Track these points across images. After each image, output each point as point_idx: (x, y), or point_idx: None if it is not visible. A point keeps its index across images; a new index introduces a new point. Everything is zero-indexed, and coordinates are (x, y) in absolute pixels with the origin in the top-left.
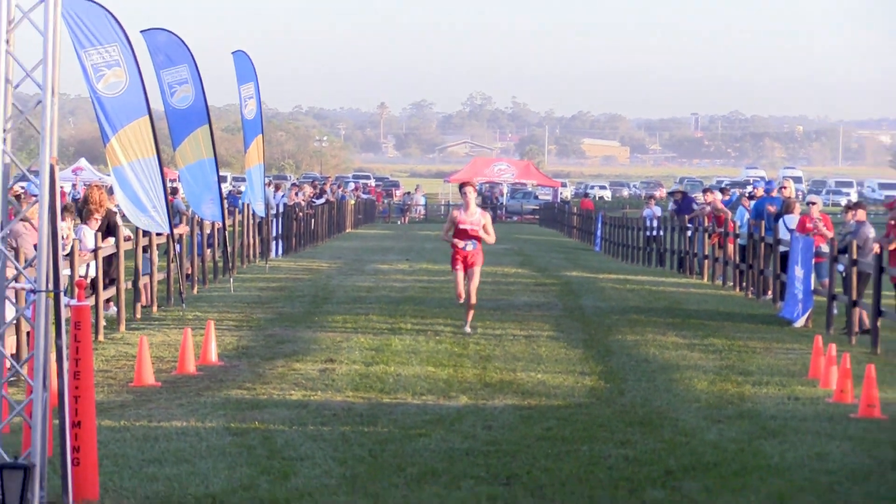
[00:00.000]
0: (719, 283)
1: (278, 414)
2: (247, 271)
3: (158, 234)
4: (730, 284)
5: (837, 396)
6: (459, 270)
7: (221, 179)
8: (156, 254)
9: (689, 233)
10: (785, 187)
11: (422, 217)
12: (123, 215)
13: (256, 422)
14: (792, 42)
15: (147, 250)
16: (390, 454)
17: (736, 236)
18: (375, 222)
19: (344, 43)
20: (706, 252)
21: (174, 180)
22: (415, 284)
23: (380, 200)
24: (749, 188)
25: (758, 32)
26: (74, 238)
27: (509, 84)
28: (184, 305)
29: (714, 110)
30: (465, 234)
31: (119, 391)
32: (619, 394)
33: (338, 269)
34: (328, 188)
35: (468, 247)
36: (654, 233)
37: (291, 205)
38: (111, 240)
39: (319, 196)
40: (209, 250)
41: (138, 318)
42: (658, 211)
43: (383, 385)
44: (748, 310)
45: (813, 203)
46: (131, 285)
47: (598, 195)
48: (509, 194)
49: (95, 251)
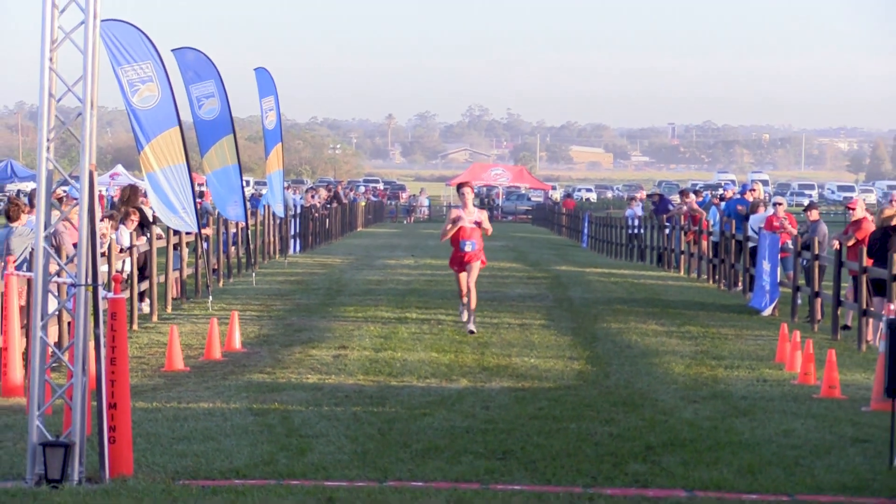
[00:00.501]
0: (694, 277)
1: (296, 396)
2: (267, 266)
3: (188, 233)
4: (704, 277)
5: (801, 379)
6: (460, 274)
7: (244, 184)
8: (185, 251)
9: (667, 231)
10: (754, 190)
11: (426, 217)
12: (156, 217)
13: (276, 403)
14: (758, 59)
15: (178, 248)
16: (397, 432)
17: (709, 234)
18: (384, 222)
19: (355, 60)
20: (682, 248)
21: (202, 184)
22: (419, 278)
23: (383, 198)
24: (720, 191)
25: (728, 51)
26: (111, 237)
27: (505, 97)
28: (210, 298)
29: (689, 120)
30: (465, 234)
31: (151, 376)
32: (605, 376)
33: (350, 265)
34: (340, 191)
35: (467, 247)
36: (636, 231)
37: (308, 206)
38: (144, 238)
39: (331, 201)
40: (233, 248)
41: (169, 310)
42: (639, 211)
43: (391, 369)
44: (720, 300)
45: (779, 204)
46: (163, 279)
47: (585, 197)
48: (504, 196)
49: (130, 249)
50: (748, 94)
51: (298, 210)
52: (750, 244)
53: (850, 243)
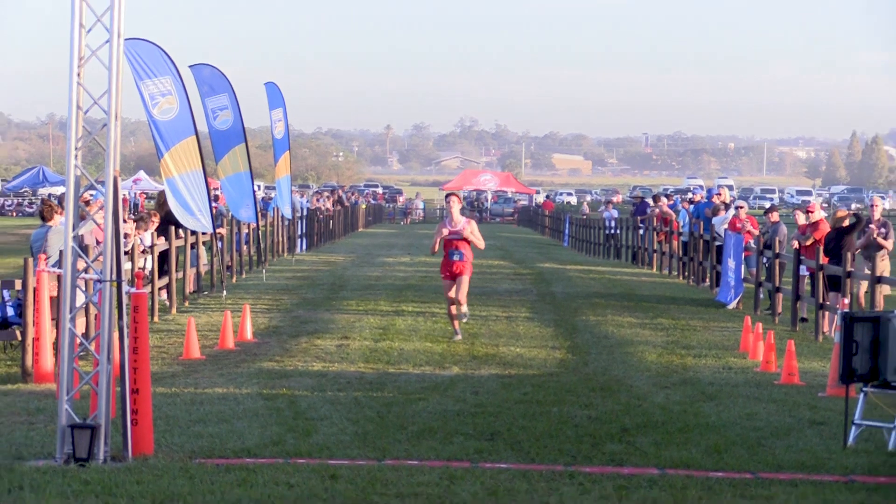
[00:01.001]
0: (666, 273)
1: (302, 382)
2: (276, 264)
3: (204, 234)
4: (674, 274)
5: (763, 366)
6: (449, 281)
7: (255, 188)
8: (202, 249)
9: (641, 231)
10: (719, 194)
11: (421, 219)
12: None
13: (284, 388)
14: (724, 74)
15: (195, 247)
16: (394, 415)
17: (679, 234)
18: (383, 223)
19: (356, 75)
20: (655, 247)
21: (217, 189)
22: (415, 274)
23: (382, 201)
24: (689, 195)
25: (697, 67)
26: (134, 237)
27: (493, 109)
28: (224, 292)
29: (661, 130)
30: (452, 245)
31: (170, 363)
32: (584, 364)
33: (351, 262)
34: (342, 194)
35: (455, 257)
36: (612, 231)
37: (313, 208)
38: (163, 238)
39: (334, 204)
40: (245, 246)
41: (187, 304)
42: (616, 213)
43: (389, 358)
44: (689, 295)
45: (741, 207)
46: (181, 276)
47: (566, 200)
48: (492, 200)
49: (151, 248)
50: (715, 107)
51: (305, 212)
52: (716, 243)
53: (808, 243)
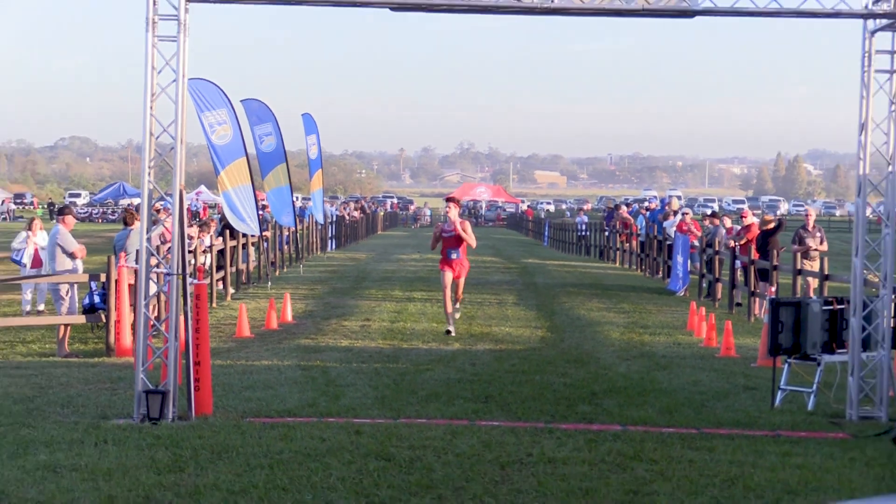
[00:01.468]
0: (626, 267)
1: (332, 355)
2: (311, 260)
3: (252, 236)
4: (633, 268)
5: (706, 342)
6: (447, 271)
7: (294, 199)
8: (251, 249)
9: (607, 233)
10: (669, 203)
11: (428, 223)
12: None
13: (318, 361)
14: (674, 106)
15: (245, 247)
16: (407, 382)
17: (637, 235)
18: (397, 227)
19: (376, 107)
20: (618, 246)
21: (263, 200)
22: (424, 268)
23: (396, 210)
24: (646, 203)
25: (652, 98)
26: (197, 239)
27: (487, 134)
28: (269, 283)
29: (623, 151)
30: (449, 243)
31: (226, 341)
32: (560, 341)
33: (372, 258)
34: (364, 204)
35: (453, 255)
36: (583, 233)
37: (341, 215)
38: (220, 239)
39: (359, 211)
40: (286, 246)
41: (239, 292)
42: (586, 219)
43: (403, 336)
44: (646, 284)
45: (686, 213)
46: (235, 270)
47: (546, 209)
48: (486, 208)
49: (210, 247)
50: (667, 132)
51: (334, 218)
52: (667, 243)
53: (742, 242)
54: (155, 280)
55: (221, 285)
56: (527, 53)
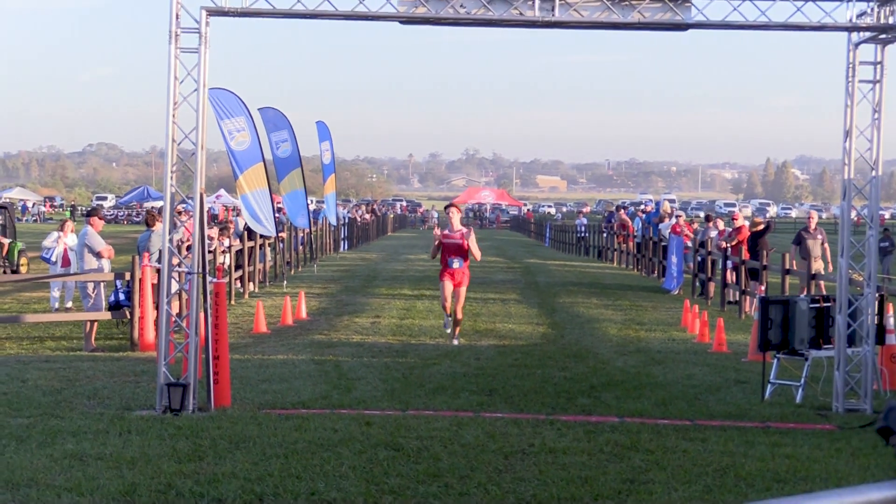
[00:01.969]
0: (623, 267)
1: (344, 350)
2: (325, 260)
3: (269, 237)
4: (630, 267)
5: (699, 338)
6: (447, 281)
7: (309, 202)
8: (268, 249)
9: (605, 234)
10: (662, 207)
11: (435, 226)
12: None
13: (331, 355)
14: (668, 114)
15: (262, 247)
16: (416, 376)
17: (634, 237)
18: (406, 229)
19: (386, 115)
20: (615, 247)
21: (279, 203)
22: (431, 268)
23: (405, 212)
24: (642, 206)
25: (647, 108)
26: (216, 240)
27: (491, 141)
28: (285, 281)
29: (620, 157)
30: (450, 251)
31: (243, 336)
32: (561, 337)
33: (382, 258)
34: (375, 207)
35: (455, 264)
36: (583, 234)
37: (353, 218)
38: (239, 240)
39: (370, 214)
40: (301, 247)
41: (256, 290)
42: (585, 221)
43: (411, 332)
44: (642, 283)
45: (679, 216)
46: (252, 269)
47: (547, 211)
48: (490, 211)
49: (229, 248)
50: (662, 139)
51: (346, 220)
52: (662, 244)
53: (733, 243)
54: (177, 279)
55: (240, 283)
56: (529, 65)
